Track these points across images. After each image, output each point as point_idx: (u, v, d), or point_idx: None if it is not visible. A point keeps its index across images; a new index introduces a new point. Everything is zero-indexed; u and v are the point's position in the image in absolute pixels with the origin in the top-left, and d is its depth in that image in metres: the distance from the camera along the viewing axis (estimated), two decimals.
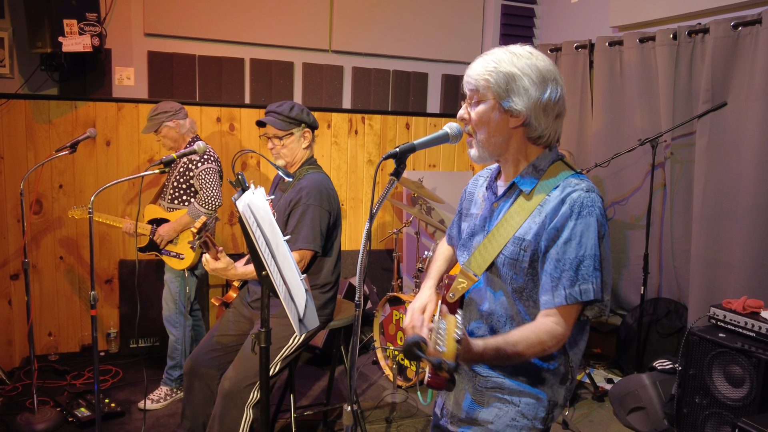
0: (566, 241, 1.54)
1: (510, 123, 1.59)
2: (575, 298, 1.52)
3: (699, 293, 3.90)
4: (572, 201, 1.55)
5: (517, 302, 1.63)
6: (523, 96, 1.55)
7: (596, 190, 1.60)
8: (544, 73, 1.58)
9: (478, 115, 1.60)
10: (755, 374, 2.97)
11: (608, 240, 1.60)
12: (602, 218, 1.56)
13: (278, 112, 2.82)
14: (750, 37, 3.60)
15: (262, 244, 1.43)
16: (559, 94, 1.60)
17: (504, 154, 1.66)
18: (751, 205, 3.61)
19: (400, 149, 1.57)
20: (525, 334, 1.54)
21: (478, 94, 1.60)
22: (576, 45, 4.79)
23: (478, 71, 1.59)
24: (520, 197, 1.65)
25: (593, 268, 1.53)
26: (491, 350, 1.48)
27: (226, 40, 4.58)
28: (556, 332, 1.54)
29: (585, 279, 1.53)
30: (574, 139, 4.90)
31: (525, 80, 1.55)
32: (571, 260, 1.53)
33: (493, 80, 1.56)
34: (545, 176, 1.64)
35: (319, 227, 2.70)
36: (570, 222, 1.54)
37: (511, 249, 1.61)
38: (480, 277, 1.67)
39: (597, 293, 1.53)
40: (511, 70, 1.55)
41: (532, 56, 1.59)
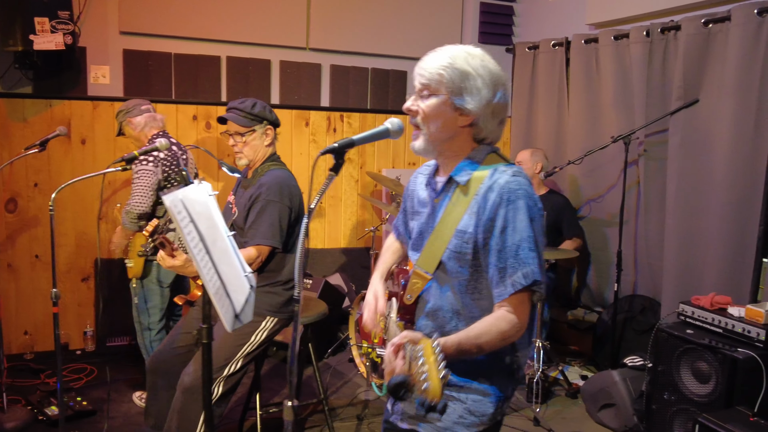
0: (502, 229, 1.55)
1: (459, 121, 1.61)
2: (521, 284, 1.53)
3: (672, 290, 3.91)
4: (499, 187, 1.56)
5: (464, 296, 1.64)
6: (476, 96, 1.57)
7: (523, 174, 1.61)
8: (496, 76, 1.61)
9: (429, 108, 1.61)
10: (721, 370, 2.98)
11: (540, 221, 1.61)
12: (531, 200, 1.57)
13: (240, 109, 2.81)
14: (721, 34, 3.61)
15: (194, 239, 1.43)
16: (506, 99, 1.64)
17: (446, 151, 1.68)
18: (723, 201, 3.62)
19: (339, 144, 1.57)
20: (485, 328, 1.54)
21: (430, 88, 1.60)
22: (553, 43, 4.80)
23: (433, 65, 1.60)
24: (457, 190, 1.66)
25: (529, 249, 1.54)
26: (451, 347, 1.48)
27: (203, 38, 4.57)
28: (514, 321, 1.55)
29: (524, 263, 1.54)
30: (552, 138, 4.91)
31: (479, 81, 1.57)
32: (510, 247, 1.54)
33: (448, 76, 1.57)
34: (479, 168, 1.65)
35: (279, 223, 2.69)
36: (501, 210, 1.55)
37: (455, 243, 1.63)
38: (432, 274, 1.68)
39: (536, 273, 1.54)
40: (466, 68, 1.57)
41: (485, 59, 1.62)
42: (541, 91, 4.96)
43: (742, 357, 2.91)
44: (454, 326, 1.65)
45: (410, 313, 1.72)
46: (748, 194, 3.52)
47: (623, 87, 4.23)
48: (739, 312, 3.13)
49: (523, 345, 1.70)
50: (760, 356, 2.91)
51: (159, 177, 3.46)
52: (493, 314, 1.57)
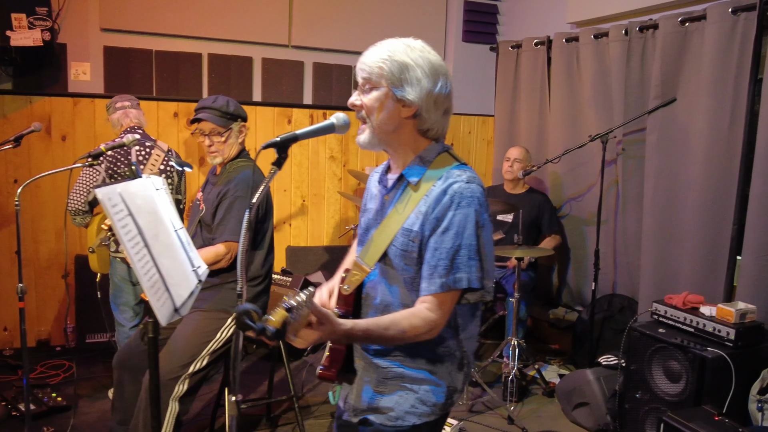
0: (444, 230, 1.56)
1: (402, 113, 1.61)
2: (449, 286, 1.55)
3: (649, 289, 3.91)
4: (453, 192, 1.57)
5: (412, 293, 1.65)
6: (416, 86, 1.58)
7: (477, 181, 1.62)
8: (436, 66, 1.61)
9: (371, 102, 1.61)
10: (691, 369, 2.98)
11: (489, 229, 1.62)
12: (481, 208, 1.59)
13: (215, 108, 2.80)
14: (697, 32, 3.60)
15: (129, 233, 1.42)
16: (449, 89, 1.64)
17: (393, 144, 1.68)
18: (699, 201, 3.62)
19: (282, 138, 1.58)
20: (397, 319, 1.56)
21: (371, 82, 1.61)
22: (535, 42, 4.80)
23: (373, 59, 1.61)
24: (408, 189, 1.67)
25: (468, 257, 1.56)
26: (360, 331, 1.50)
27: (184, 35, 4.56)
28: (430, 318, 1.56)
29: (460, 268, 1.55)
30: (533, 136, 4.91)
31: (418, 71, 1.58)
32: (448, 249, 1.55)
33: (387, 68, 1.58)
34: (431, 168, 1.66)
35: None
36: (449, 212, 1.56)
37: (401, 240, 1.63)
38: (373, 268, 1.69)
39: (473, 281, 1.56)
40: (405, 59, 1.58)
41: (425, 50, 1.63)
42: (524, 89, 4.96)
43: (711, 356, 2.91)
44: None
45: (348, 305, 1.72)
46: (722, 193, 3.51)
47: (603, 86, 4.22)
48: (711, 311, 3.13)
49: (469, 339, 1.72)
50: (730, 355, 2.91)
51: (103, 175, 3.47)
52: (410, 309, 1.59)
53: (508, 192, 4.58)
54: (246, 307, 1.28)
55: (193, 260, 1.67)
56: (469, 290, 1.58)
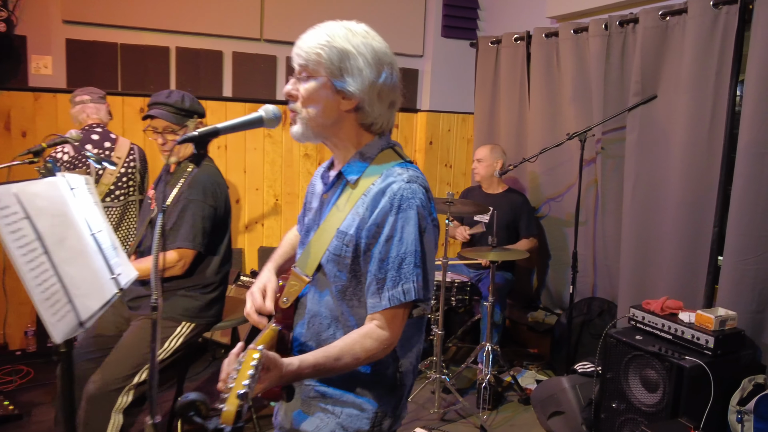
0: (388, 238, 1.42)
1: (342, 105, 1.46)
2: (398, 299, 1.41)
3: (628, 293, 3.78)
4: (392, 193, 1.42)
5: (342, 302, 1.50)
6: (357, 77, 1.43)
7: (420, 180, 1.47)
8: (380, 54, 1.46)
9: (307, 92, 1.46)
10: (668, 379, 2.85)
11: (432, 234, 1.48)
12: (424, 210, 1.44)
13: (170, 104, 2.64)
14: (678, 26, 3.47)
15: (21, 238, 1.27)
16: (394, 80, 1.49)
17: (332, 138, 1.53)
18: (678, 202, 3.49)
19: (200, 133, 1.42)
20: (348, 345, 1.41)
21: (308, 70, 1.45)
22: (515, 37, 4.65)
23: (310, 44, 1.45)
24: (347, 188, 1.53)
25: (414, 265, 1.41)
26: (308, 368, 1.35)
27: (151, 28, 4.39)
28: (383, 337, 1.42)
29: (407, 278, 1.41)
30: (513, 135, 4.77)
31: (360, 60, 1.43)
32: (393, 258, 1.41)
33: (326, 55, 1.43)
34: (372, 165, 1.51)
35: (201, 224, 2.54)
36: (390, 217, 1.42)
37: (335, 244, 1.49)
38: (311, 277, 1.54)
39: (419, 292, 1.42)
40: (346, 46, 1.43)
41: (368, 35, 1.48)
42: (504, 86, 4.81)
43: (689, 366, 2.78)
44: (331, 334, 1.51)
45: (288, 318, 1.57)
46: (702, 195, 3.38)
47: (582, 82, 4.08)
48: (690, 317, 3.00)
49: (407, 357, 1.56)
50: (709, 365, 2.78)
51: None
52: (361, 330, 1.44)
53: (485, 192, 4.44)
54: (188, 398, 1.12)
55: (114, 267, 1.51)
56: (415, 303, 1.44)
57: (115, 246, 1.77)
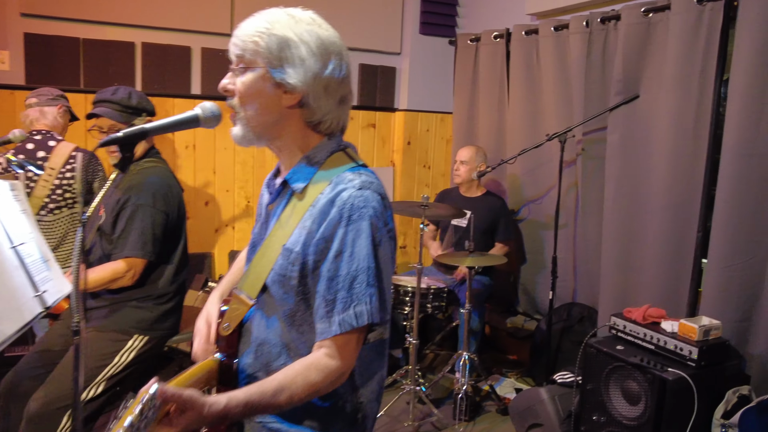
0: (337, 254, 1.26)
1: (284, 100, 1.30)
2: (350, 324, 1.25)
3: (610, 299, 3.66)
4: (342, 202, 1.26)
5: (291, 328, 1.34)
6: (299, 68, 1.28)
7: (375, 186, 1.31)
8: (327, 44, 1.31)
9: (244, 86, 1.31)
10: (650, 391, 2.73)
11: (389, 247, 1.32)
12: (379, 220, 1.28)
13: (115, 101, 2.46)
14: (661, 23, 3.35)
15: None
16: (344, 72, 1.34)
17: (276, 141, 1.37)
18: (662, 205, 3.37)
19: (125, 134, 1.26)
20: (289, 378, 1.24)
21: (244, 60, 1.30)
22: (494, 34, 4.51)
23: (247, 32, 1.31)
24: (293, 198, 1.36)
25: (367, 284, 1.25)
26: (239, 406, 1.18)
27: (115, 23, 4.20)
28: (331, 368, 1.26)
29: (359, 299, 1.25)
30: (493, 135, 4.64)
31: (302, 48, 1.28)
32: (344, 277, 1.25)
33: (264, 43, 1.28)
34: (321, 170, 1.35)
35: (152, 231, 2.36)
36: (339, 230, 1.26)
37: (280, 263, 1.32)
38: (255, 300, 1.37)
39: (373, 315, 1.26)
40: (287, 34, 1.28)
41: (314, 23, 1.33)
42: (483, 85, 4.67)
43: (672, 378, 2.66)
44: (282, 364, 1.33)
45: (232, 346, 1.40)
46: (686, 198, 3.27)
47: (563, 81, 3.95)
48: (673, 327, 2.88)
49: (367, 385, 1.40)
50: (692, 376, 2.66)
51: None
52: (306, 359, 1.28)
53: (462, 195, 4.29)
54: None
55: (40, 283, 1.35)
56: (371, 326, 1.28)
57: (46, 258, 1.60)
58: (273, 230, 1.37)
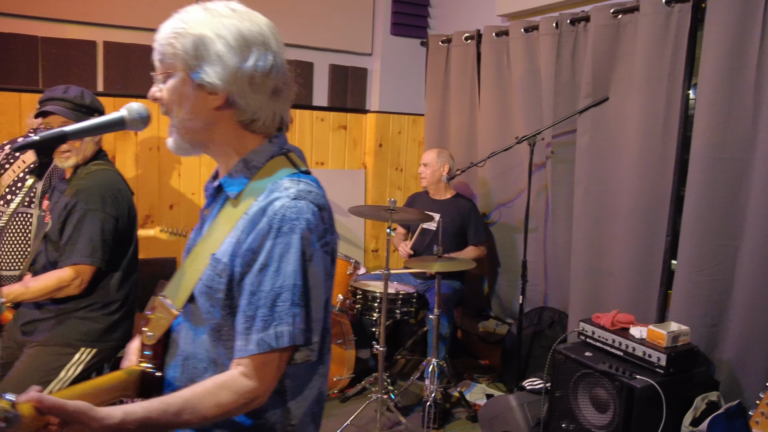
0: (262, 267, 1.17)
1: (210, 102, 1.22)
2: (269, 345, 1.16)
3: (580, 303, 3.61)
4: (273, 212, 1.18)
5: (217, 344, 1.25)
6: (217, 65, 1.19)
7: (312, 196, 1.22)
8: (248, 35, 1.22)
9: (168, 93, 1.24)
10: (618, 399, 2.68)
11: (322, 263, 1.23)
12: (312, 234, 1.19)
13: (68, 100, 2.36)
14: (631, 25, 3.31)
15: None
16: (272, 63, 1.24)
17: (210, 146, 1.29)
18: (631, 208, 3.33)
19: (42, 137, 1.17)
20: (197, 397, 1.15)
21: (165, 65, 1.23)
22: (465, 36, 4.45)
23: (164, 35, 1.24)
24: (227, 204, 1.28)
25: (291, 302, 1.16)
26: (134, 422, 1.07)
27: (75, 20, 4.07)
28: (245, 389, 1.17)
29: (281, 319, 1.16)
30: (464, 138, 4.58)
31: (218, 44, 1.19)
32: (267, 293, 1.16)
33: (180, 45, 1.20)
34: (258, 176, 1.27)
35: (100, 237, 2.26)
36: (267, 242, 1.17)
37: (207, 273, 1.24)
38: (181, 310, 1.29)
39: (296, 337, 1.17)
40: (202, 31, 1.20)
41: (234, 15, 1.24)
42: (454, 87, 4.61)
43: (640, 386, 2.61)
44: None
45: (157, 357, 1.31)
46: (655, 201, 3.23)
47: (533, 84, 3.90)
48: (641, 333, 2.83)
49: (300, 405, 1.31)
50: (660, 384, 2.62)
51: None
52: (220, 377, 1.19)
53: (432, 198, 4.23)
54: None
55: None
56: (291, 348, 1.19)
57: None
58: (204, 237, 1.29)
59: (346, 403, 3.74)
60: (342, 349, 3.76)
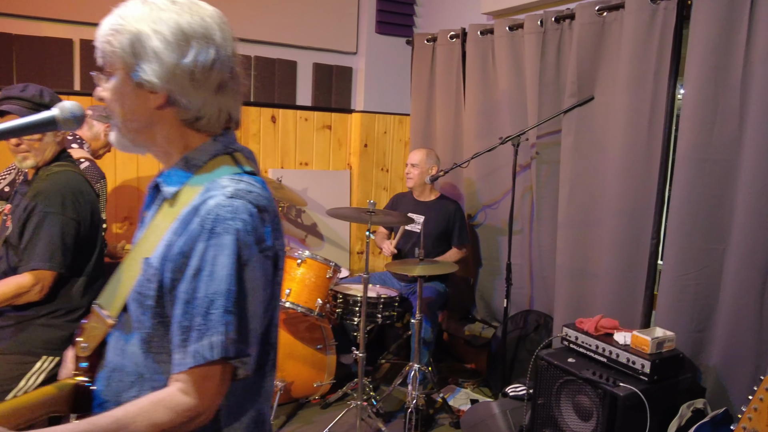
0: (195, 272, 1.09)
1: (150, 102, 1.15)
2: (203, 357, 1.07)
3: (565, 307, 3.54)
4: (206, 212, 1.10)
5: (147, 356, 1.17)
6: (154, 62, 1.11)
7: (252, 196, 1.14)
8: (187, 29, 1.13)
9: (109, 93, 1.17)
10: (601, 407, 2.60)
11: (260, 268, 1.14)
12: (249, 236, 1.11)
13: (26, 99, 2.28)
14: (616, 23, 3.24)
15: None
16: (214, 57, 1.15)
17: (153, 146, 1.22)
18: (616, 210, 3.26)
19: None
20: (129, 416, 1.07)
21: (106, 64, 1.16)
22: (451, 34, 4.38)
23: (102, 32, 1.16)
24: (165, 204, 1.20)
25: (225, 310, 1.07)
26: None
27: (51, 18, 3.98)
28: (183, 407, 1.08)
29: (215, 328, 1.07)
30: (449, 138, 4.50)
31: (155, 40, 1.11)
32: (201, 300, 1.08)
33: (117, 43, 1.12)
34: (197, 175, 1.19)
35: (61, 241, 2.17)
36: (199, 244, 1.09)
37: (139, 279, 1.16)
38: (116, 319, 1.21)
39: (228, 348, 1.08)
40: (139, 27, 1.11)
41: (173, 8, 1.14)
42: (440, 87, 4.53)
43: (623, 393, 2.53)
44: (133, 396, 1.16)
45: (92, 368, 1.23)
46: (641, 203, 3.16)
47: (518, 83, 3.83)
48: (625, 338, 2.76)
49: (237, 425, 1.21)
50: (644, 391, 2.54)
51: None
52: (157, 394, 1.11)
53: (416, 199, 4.15)
54: None
55: None
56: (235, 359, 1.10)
57: None
58: (140, 240, 1.21)
59: (327, 410, 3.66)
60: (322, 354, 3.68)
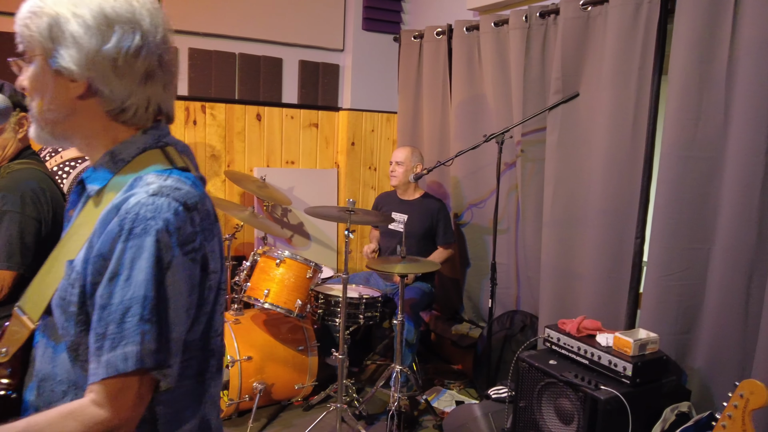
0: (112, 276, 1.01)
1: (71, 91, 1.07)
2: (116, 368, 0.99)
3: (550, 307, 3.48)
4: (125, 211, 1.02)
5: (74, 364, 1.09)
6: (72, 48, 1.04)
7: (180, 194, 1.06)
8: (111, 13, 1.05)
9: (28, 81, 1.09)
10: (582, 411, 2.54)
11: (184, 272, 1.05)
12: (172, 237, 1.03)
13: None
14: (600, 17, 3.18)
15: None
16: (139, 43, 1.07)
17: (74, 138, 1.14)
18: (600, 209, 3.20)
19: None
20: (38, 428, 1.00)
21: (25, 49, 1.08)
22: (437, 31, 4.31)
23: (21, 15, 1.07)
24: (89, 202, 1.13)
25: (140, 318, 0.99)
26: None
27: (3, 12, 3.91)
28: (95, 420, 1.00)
29: (129, 337, 0.99)
30: (436, 136, 4.44)
31: (73, 24, 1.03)
32: (116, 306, 1.00)
33: (35, 27, 1.05)
34: (124, 171, 1.11)
35: (20, 240, 2.10)
36: (118, 245, 1.01)
37: (62, 282, 1.09)
38: (37, 323, 1.14)
39: (144, 358, 1.00)
40: (58, 10, 1.04)
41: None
42: (427, 84, 4.47)
43: (604, 397, 2.47)
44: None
45: (15, 375, 1.16)
46: (625, 202, 3.10)
47: (503, 80, 3.76)
48: (608, 340, 2.70)
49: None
50: (626, 395, 2.48)
51: None
52: (69, 405, 1.03)
53: (399, 198, 4.08)
54: None
55: None
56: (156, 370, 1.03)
57: None
58: (63, 240, 1.14)
59: (310, 412, 3.60)
60: (304, 355, 3.61)
